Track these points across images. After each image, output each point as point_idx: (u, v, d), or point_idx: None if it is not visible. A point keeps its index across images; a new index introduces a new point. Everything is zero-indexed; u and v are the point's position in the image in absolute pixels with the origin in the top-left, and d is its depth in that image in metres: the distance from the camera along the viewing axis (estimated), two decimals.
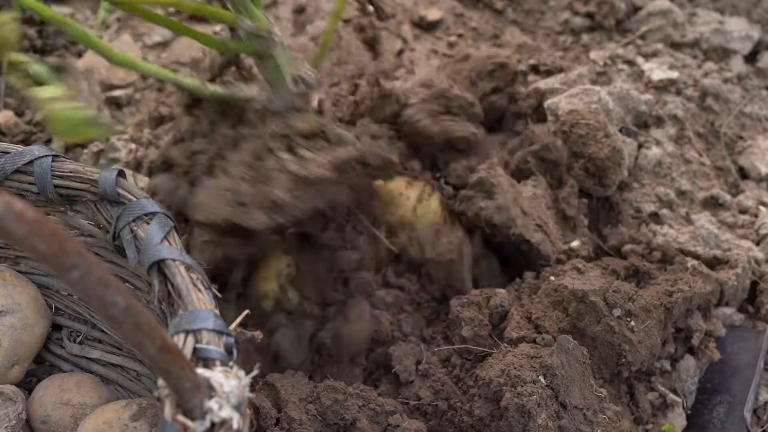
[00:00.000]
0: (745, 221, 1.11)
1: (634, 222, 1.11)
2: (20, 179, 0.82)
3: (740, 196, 1.13)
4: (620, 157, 1.10)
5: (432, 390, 0.91)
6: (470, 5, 1.45)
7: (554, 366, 0.85)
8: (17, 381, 0.87)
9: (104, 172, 0.79)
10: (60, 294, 0.92)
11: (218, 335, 0.62)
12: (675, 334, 0.99)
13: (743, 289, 1.03)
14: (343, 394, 0.87)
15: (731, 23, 1.33)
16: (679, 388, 0.97)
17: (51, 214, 0.86)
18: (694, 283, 0.96)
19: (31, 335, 0.86)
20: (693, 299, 0.96)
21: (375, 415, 0.88)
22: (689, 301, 0.96)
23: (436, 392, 0.91)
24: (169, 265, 0.68)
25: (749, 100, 1.20)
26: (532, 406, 0.82)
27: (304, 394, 0.88)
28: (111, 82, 1.31)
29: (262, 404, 0.86)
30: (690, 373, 0.97)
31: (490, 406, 0.86)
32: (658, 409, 0.96)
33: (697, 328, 0.98)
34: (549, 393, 0.84)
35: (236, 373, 0.59)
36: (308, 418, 0.86)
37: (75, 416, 0.84)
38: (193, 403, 0.56)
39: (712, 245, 1.08)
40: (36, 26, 1.34)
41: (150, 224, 0.73)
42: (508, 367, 0.86)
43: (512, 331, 0.93)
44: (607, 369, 0.92)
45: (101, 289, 0.47)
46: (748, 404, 0.94)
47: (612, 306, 0.91)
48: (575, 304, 0.91)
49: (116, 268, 0.84)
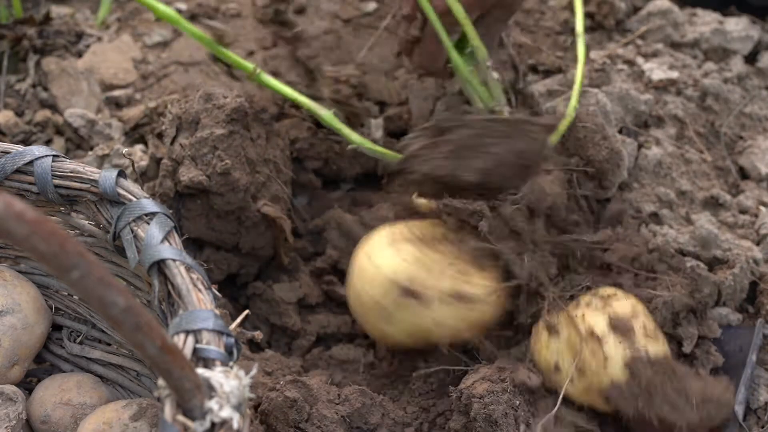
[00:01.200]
0: (745, 221, 1.11)
1: (633, 222, 1.11)
2: (20, 179, 0.82)
3: (740, 196, 1.13)
4: (619, 158, 1.10)
5: None
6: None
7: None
8: (17, 381, 0.87)
9: (104, 172, 0.79)
10: (60, 294, 0.92)
11: (218, 335, 0.62)
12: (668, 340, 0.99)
13: (742, 290, 1.03)
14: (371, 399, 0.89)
15: (731, 23, 1.33)
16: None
17: (51, 214, 0.86)
18: (674, 286, 0.96)
19: (32, 335, 0.86)
20: (675, 304, 0.96)
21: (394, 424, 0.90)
22: (671, 306, 0.96)
23: None
24: (169, 266, 0.68)
25: (749, 100, 1.20)
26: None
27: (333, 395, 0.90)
28: (111, 82, 1.31)
29: (296, 397, 0.87)
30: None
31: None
32: None
33: (687, 335, 0.98)
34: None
35: (236, 373, 0.59)
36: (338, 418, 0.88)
37: (75, 416, 0.84)
38: (194, 404, 0.56)
39: (712, 245, 1.08)
40: (36, 26, 1.34)
41: (150, 224, 0.73)
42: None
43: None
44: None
45: (101, 289, 0.47)
46: (739, 397, 0.94)
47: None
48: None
49: (116, 268, 0.84)
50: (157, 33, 1.38)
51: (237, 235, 1.08)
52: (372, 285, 0.91)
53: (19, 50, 1.33)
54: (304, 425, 0.88)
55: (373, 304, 0.91)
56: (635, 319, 0.89)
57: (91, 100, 1.29)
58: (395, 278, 0.89)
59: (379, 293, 0.90)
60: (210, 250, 1.09)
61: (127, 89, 1.31)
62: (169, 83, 1.31)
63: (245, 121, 1.07)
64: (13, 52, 1.33)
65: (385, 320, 0.91)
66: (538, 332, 0.91)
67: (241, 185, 1.04)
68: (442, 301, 0.88)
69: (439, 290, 0.89)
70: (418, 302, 0.89)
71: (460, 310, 0.89)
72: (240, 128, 1.06)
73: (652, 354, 0.86)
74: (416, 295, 0.89)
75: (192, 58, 1.34)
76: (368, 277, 0.92)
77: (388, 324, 0.91)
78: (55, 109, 1.27)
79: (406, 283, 0.89)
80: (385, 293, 0.90)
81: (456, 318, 0.89)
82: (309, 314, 1.10)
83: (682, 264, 1.03)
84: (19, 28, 1.33)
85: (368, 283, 0.91)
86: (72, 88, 1.29)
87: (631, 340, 0.87)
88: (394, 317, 0.90)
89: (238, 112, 1.06)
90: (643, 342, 0.87)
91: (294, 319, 1.08)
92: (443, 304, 0.88)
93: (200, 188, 1.04)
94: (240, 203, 1.05)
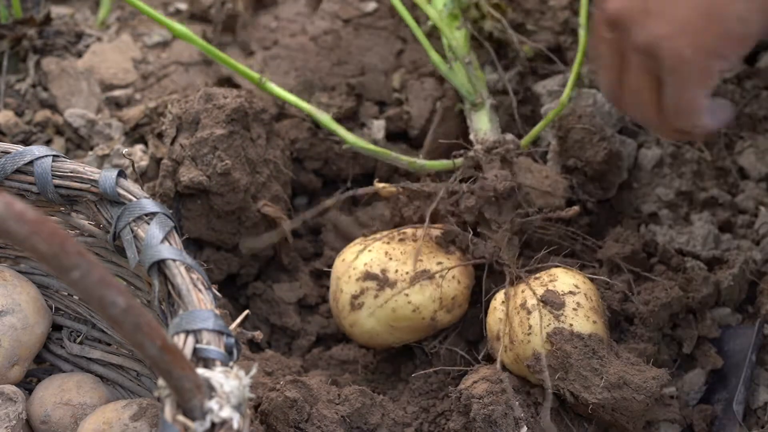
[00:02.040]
0: (744, 221, 1.11)
1: (633, 222, 1.11)
2: (20, 179, 0.82)
3: (740, 196, 1.13)
4: (618, 159, 1.10)
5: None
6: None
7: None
8: (17, 381, 0.87)
9: (104, 172, 0.79)
10: (60, 294, 0.92)
11: (218, 335, 0.62)
12: (668, 342, 0.99)
13: (741, 290, 1.03)
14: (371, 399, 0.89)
15: None
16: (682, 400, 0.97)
17: (51, 214, 0.86)
18: (671, 288, 0.96)
19: (32, 335, 0.86)
20: (672, 305, 0.96)
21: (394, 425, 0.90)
22: (668, 307, 0.96)
23: None
24: (169, 266, 0.68)
25: (749, 100, 1.20)
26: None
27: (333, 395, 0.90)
28: (111, 82, 1.31)
29: (297, 397, 0.88)
30: (693, 387, 0.98)
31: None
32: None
33: (687, 336, 0.98)
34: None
35: (236, 373, 0.59)
36: (338, 418, 0.88)
37: (75, 416, 0.84)
38: (194, 404, 0.56)
39: (711, 245, 1.08)
40: (36, 26, 1.34)
41: (150, 224, 0.73)
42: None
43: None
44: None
45: (102, 289, 0.47)
46: (738, 397, 0.94)
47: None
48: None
49: (116, 268, 0.84)
50: (157, 33, 1.38)
51: (237, 235, 1.08)
52: (347, 282, 0.96)
53: (19, 50, 1.33)
54: (304, 425, 0.88)
55: (348, 300, 0.96)
56: (571, 296, 0.89)
57: (91, 100, 1.29)
58: (364, 269, 0.95)
59: (353, 287, 0.95)
60: (210, 250, 1.09)
61: (127, 89, 1.31)
62: (169, 83, 1.31)
63: (245, 121, 1.07)
64: (13, 52, 1.33)
65: (361, 312, 0.95)
66: (491, 304, 0.95)
67: (241, 185, 1.04)
68: (409, 282, 0.94)
69: (405, 272, 0.94)
70: (388, 286, 0.94)
71: (428, 289, 0.94)
72: (240, 128, 1.06)
73: (576, 330, 0.87)
74: (384, 280, 0.94)
75: (192, 58, 1.34)
76: (342, 275, 0.97)
77: (367, 316, 0.94)
78: (55, 109, 1.27)
79: (374, 271, 0.94)
80: (357, 285, 0.95)
81: (425, 297, 0.94)
82: (309, 314, 1.10)
83: (682, 264, 1.03)
84: (19, 28, 1.33)
85: (343, 282, 0.96)
86: (72, 88, 1.29)
87: (558, 314, 0.88)
88: (367, 306, 0.95)
89: (238, 113, 1.06)
90: (571, 318, 0.88)
91: (294, 320, 1.08)
92: (411, 285, 0.93)
93: (200, 188, 1.04)
94: (240, 203, 1.05)
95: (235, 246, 1.09)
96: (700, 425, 0.94)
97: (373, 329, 0.95)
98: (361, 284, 0.95)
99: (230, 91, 1.08)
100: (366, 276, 0.95)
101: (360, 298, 0.95)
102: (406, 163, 1.06)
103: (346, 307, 0.96)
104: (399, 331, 0.96)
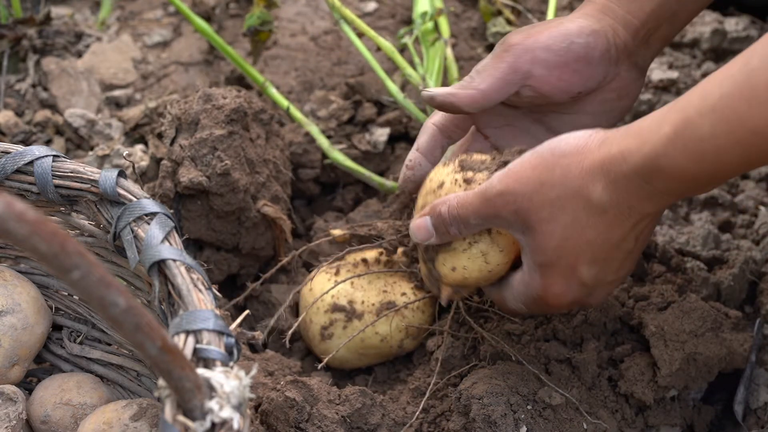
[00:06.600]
0: (744, 221, 1.11)
1: None
2: (20, 179, 0.82)
3: (740, 196, 1.13)
4: None
5: None
6: (469, 4, 1.45)
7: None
8: (17, 381, 0.87)
9: (104, 172, 0.79)
10: (60, 294, 0.92)
11: (219, 335, 0.62)
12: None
13: (741, 290, 1.03)
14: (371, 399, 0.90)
15: (731, 23, 1.33)
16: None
17: (51, 214, 0.86)
18: (667, 291, 0.96)
19: (32, 335, 0.86)
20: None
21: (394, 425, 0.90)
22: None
23: None
24: (169, 266, 0.68)
25: None
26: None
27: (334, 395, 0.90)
28: (111, 82, 1.31)
29: (297, 397, 0.88)
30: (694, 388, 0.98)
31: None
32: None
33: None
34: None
35: (237, 373, 0.59)
36: (338, 418, 0.88)
37: (75, 416, 0.84)
38: (194, 404, 0.56)
39: (711, 245, 1.08)
40: (36, 26, 1.34)
41: (150, 224, 0.73)
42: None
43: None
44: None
45: (102, 289, 0.47)
46: (738, 397, 0.94)
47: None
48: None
49: (116, 268, 0.84)
50: (157, 33, 1.38)
51: (237, 235, 1.08)
52: (315, 313, 0.99)
53: (19, 50, 1.33)
54: (305, 425, 0.88)
55: (318, 330, 0.99)
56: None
57: (91, 100, 1.29)
58: (332, 300, 0.98)
59: (322, 318, 0.98)
60: (210, 250, 1.09)
61: (127, 89, 1.31)
62: (169, 83, 1.31)
63: (245, 121, 1.07)
64: (13, 52, 1.33)
65: (331, 342, 0.98)
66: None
67: (240, 186, 1.04)
68: (375, 313, 0.96)
69: (371, 304, 0.97)
70: (356, 317, 0.97)
71: (394, 320, 0.97)
72: (239, 129, 1.06)
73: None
74: (351, 311, 0.97)
75: (192, 58, 1.34)
76: (309, 305, 0.99)
77: (337, 346, 0.96)
78: (55, 109, 1.27)
79: (342, 303, 0.97)
80: (325, 316, 0.98)
81: (392, 328, 0.97)
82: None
83: (682, 264, 1.03)
84: (19, 28, 1.33)
85: (312, 312, 0.99)
86: (72, 88, 1.29)
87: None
88: (337, 336, 0.97)
89: (238, 113, 1.06)
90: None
91: (292, 321, 1.08)
92: (376, 316, 0.96)
93: (200, 189, 1.04)
94: (240, 204, 1.05)
95: (235, 246, 1.09)
96: (700, 425, 0.94)
97: (343, 357, 0.98)
98: (330, 316, 0.98)
99: (229, 91, 1.08)
100: (334, 308, 0.97)
101: (329, 329, 0.98)
102: (377, 183, 1.12)
103: (316, 336, 0.99)
104: (368, 358, 1.00)
